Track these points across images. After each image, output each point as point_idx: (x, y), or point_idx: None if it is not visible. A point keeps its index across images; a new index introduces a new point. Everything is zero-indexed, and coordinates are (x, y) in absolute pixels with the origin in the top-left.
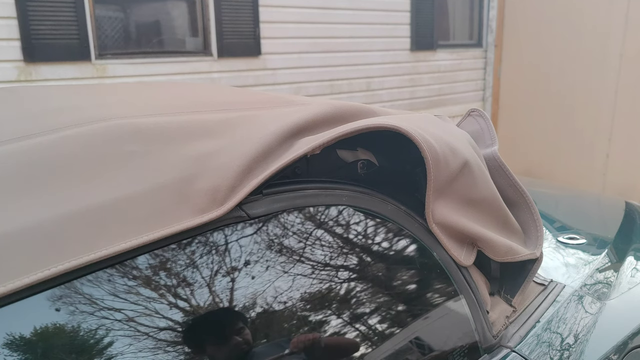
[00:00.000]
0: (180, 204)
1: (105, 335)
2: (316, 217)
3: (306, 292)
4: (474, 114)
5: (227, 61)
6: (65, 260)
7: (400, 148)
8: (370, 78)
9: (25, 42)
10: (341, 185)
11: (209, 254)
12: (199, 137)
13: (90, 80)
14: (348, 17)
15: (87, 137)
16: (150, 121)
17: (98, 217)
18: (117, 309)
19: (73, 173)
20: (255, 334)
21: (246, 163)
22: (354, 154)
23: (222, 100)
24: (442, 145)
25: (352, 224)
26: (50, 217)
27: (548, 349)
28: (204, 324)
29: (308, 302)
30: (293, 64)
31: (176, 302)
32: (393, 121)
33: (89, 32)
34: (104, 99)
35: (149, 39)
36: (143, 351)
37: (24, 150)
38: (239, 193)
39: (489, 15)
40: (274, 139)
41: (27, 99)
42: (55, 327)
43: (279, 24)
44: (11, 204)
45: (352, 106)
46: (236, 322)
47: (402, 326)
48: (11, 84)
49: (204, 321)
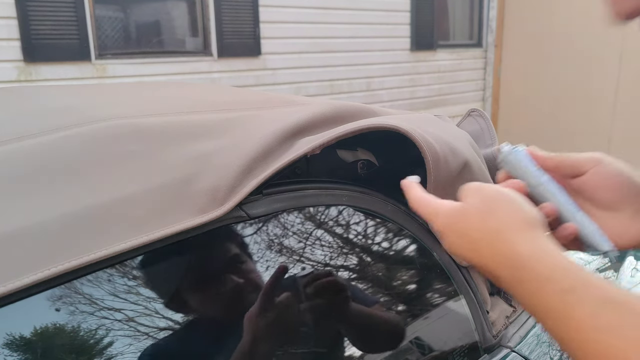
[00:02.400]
0: (180, 204)
1: (105, 335)
2: (316, 217)
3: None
4: (474, 114)
5: (227, 61)
6: (65, 260)
7: (400, 148)
8: (370, 78)
9: (25, 42)
10: (341, 185)
11: (209, 254)
12: (199, 137)
13: (90, 80)
14: (348, 17)
15: (88, 137)
16: (150, 121)
17: (98, 217)
18: (117, 309)
19: (73, 173)
20: None
21: (246, 163)
22: (354, 154)
23: (222, 100)
24: (442, 145)
25: (352, 224)
26: (51, 217)
27: (548, 349)
28: (204, 324)
29: (308, 302)
30: (293, 64)
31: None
32: (393, 121)
33: (89, 32)
34: (104, 99)
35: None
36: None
37: (24, 150)
38: (239, 193)
39: (489, 15)
40: (274, 139)
41: (27, 99)
42: (55, 327)
43: (279, 24)
44: (11, 204)
45: (352, 106)
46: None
47: (402, 326)
48: (11, 84)
49: (203, 321)
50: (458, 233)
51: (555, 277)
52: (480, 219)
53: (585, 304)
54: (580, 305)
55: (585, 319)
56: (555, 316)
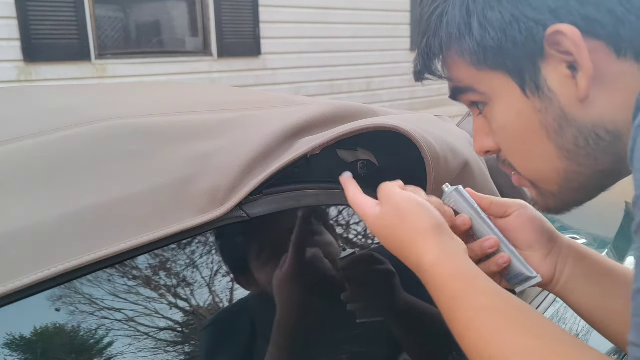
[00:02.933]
0: (180, 204)
1: (105, 335)
2: (316, 217)
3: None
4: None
5: (227, 61)
6: (65, 260)
7: (400, 148)
8: (370, 78)
9: (25, 42)
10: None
11: (209, 254)
12: (199, 137)
13: (90, 80)
14: (348, 17)
15: (88, 137)
16: (150, 121)
17: (98, 217)
18: (117, 309)
19: (73, 173)
20: (254, 334)
21: (246, 163)
22: (354, 154)
23: (222, 100)
24: (442, 145)
25: (352, 224)
26: (51, 217)
27: None
28: (203, 324)
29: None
30: (293, 64)
31: (176, 302)
32: (393, 121)
33: (89, 32)
34: (104, 99)
35: (149, 39)
36: (143, 351)
37: (24, 150)
38: (239, 193)
39: None
40: (274, 139)
41: (27, 99)
42: (55, 327)
43: (279, 24)
44: (11, 204)
45: (352, 106)
46: (235, 322)
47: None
48: (11, 84)
49: (202, 322)
50: (381, 238)
51: (446, 284)
52: (393, 229)
53: (464, 310)
54: (460, 311)
55: (463, 322)
56: (445, 317)
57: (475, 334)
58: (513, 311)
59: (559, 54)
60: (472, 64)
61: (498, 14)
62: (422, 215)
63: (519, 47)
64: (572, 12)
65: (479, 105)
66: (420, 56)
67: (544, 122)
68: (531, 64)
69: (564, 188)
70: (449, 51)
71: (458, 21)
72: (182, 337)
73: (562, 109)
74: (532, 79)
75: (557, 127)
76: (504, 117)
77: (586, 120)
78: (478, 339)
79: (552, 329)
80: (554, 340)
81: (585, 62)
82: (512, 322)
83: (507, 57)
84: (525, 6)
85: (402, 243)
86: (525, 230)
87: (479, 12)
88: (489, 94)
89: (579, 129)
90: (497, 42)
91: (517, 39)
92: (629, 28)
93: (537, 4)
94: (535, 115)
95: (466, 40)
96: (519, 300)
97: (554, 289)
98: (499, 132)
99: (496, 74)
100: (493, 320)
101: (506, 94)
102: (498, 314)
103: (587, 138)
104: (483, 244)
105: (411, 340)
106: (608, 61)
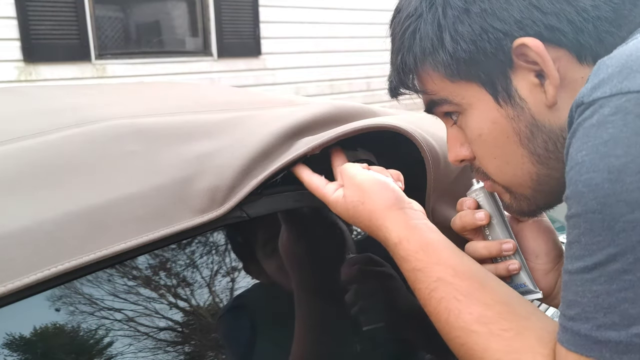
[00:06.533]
0: (180, 204)
1: (105, 335)
2: (316, 217)
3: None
4: None
5: (227, 61)
6: (65, 260)
7: (400, 148)
8: (370, 78)
9: (25, 42)
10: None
11: (209, 254)
12: (199, 137)
13: (90, 80)
14: (348, 17)
15: (88, 137)
16: (150, 121)
17: (98, 217)
18: (117, 309)
19: (73, 173)
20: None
21: (246, 163)
22: (354, 154)
23: (222, 100)
24: (442, 145)
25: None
26: (51, 216)
27: None
28: (203, 324)
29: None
30: (293, 64)
31: (176, 302)
32: (393, 121)
33: (89, 32)
34: (104, 99)
35: (149, 39)
36: (143, 351)
37: (24, 150)
38: (239, 193)
39: None
40: (274, 139)
41: (27, 99)
42: (55, 327)
43: (279, 24)
44: (11, 204)
45: (352, 106)
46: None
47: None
48: (11, 84)
49: (202, 322)
50: (346, 218)
51: (409, 258)
52: (355, 209)
53: (424, 281)
54: (421, 282)
55: (423, 292)
56: (411, 287)
57: (434, 304)
58: (468, 282)
59: (526, 64)
60: (447, 76)
61: (468, 27)
62: (382, 193)
63: (490, 58)
64: (536, 22)
65: (453, 115)
66: (395, 72)
67: (517, 129)
68: (502, 74)
69: (537, 191)
70: (423, 65)
71: (431, 36)
72: (182, 337)
73: (533, 116)
74: (504, 88)
75: (529, 133)
76: (479, 126)
77: (554, 125)
78: (438, 307)
79: (505, 296)
80: (505, 307)
81: (550, 71)
82: (466, 292)
83: (479, 68)
84: (493, 18)
85: (369, 221)
86: (538, 239)
87: (450, 27)
88: (463, 104)
89: (549, 134)
90: (469, 53)
91: (487, 49)
92: (588, 36)
93: (503, 16)
94: (509, 123)
95: (439, 54)
96: (477, 270)
97: (552, 302)
98: (474, 141)
99: (470, 84)
100: (448, 291)
101: (480, 104)
102: (452, 287)
103: (556, 142)
104: (503, 245)
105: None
106: (571, 67)
